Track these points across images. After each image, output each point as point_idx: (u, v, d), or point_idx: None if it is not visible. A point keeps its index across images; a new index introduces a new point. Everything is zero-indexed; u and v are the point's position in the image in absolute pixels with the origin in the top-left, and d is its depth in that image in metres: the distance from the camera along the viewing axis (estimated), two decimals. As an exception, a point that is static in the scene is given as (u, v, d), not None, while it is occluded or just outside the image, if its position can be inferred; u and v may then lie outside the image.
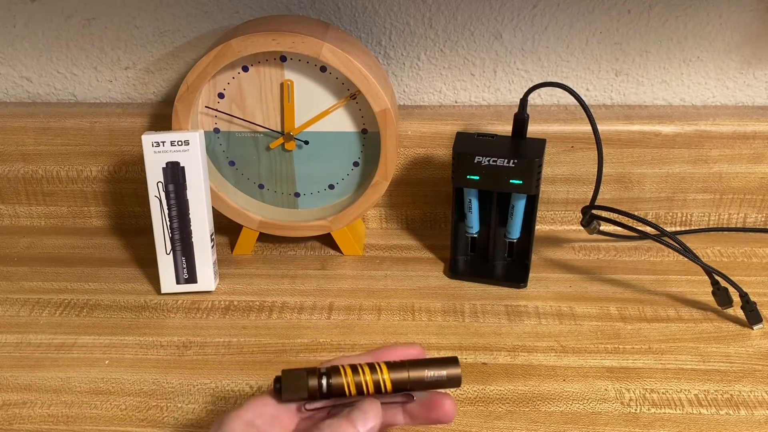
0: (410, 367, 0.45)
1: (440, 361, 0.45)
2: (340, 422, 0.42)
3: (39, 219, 0.81)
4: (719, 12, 0.73)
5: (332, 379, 0.44)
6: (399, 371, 0.44)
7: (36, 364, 0.60)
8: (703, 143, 0.74)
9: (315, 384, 0.44)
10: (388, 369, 0.44)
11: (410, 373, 0.44)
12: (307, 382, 0.44)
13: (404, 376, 0.44)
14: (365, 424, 0.42)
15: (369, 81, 0.65)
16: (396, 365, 0.45)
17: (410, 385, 0.45)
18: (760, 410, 0.55)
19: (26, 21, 0.75)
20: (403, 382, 0.44)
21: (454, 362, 0.45)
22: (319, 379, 0.44)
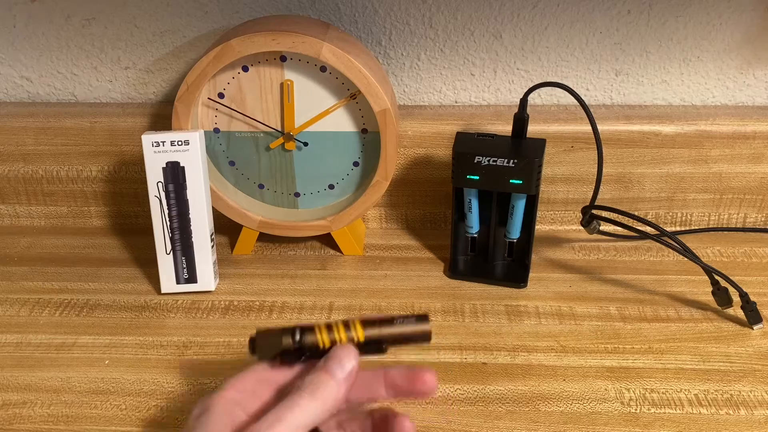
0: (382, 324, 0.45)
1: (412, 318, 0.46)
2: (317, 374, 0.42)
3: (39, 219, 0.81)
4: (719, 12, 0.73)
5: (306, 337, 0.44)
6: (371, 328, 0.45)
7: (36, 364, 0.60)
8: (703, 143, 0.74)
9: (289, 342, 0.44)
10: (363, 325, 0.45)
11: (382, 330, 0.45)
12: (280, 340, 0.44)
13: (376, 332, 0.45)
14: (343, 370, 0.43)
15: (369, 81, 0.65)
16: (369, 322, 0.45)
17: (383, 339, 0.45)
18: (759, 410, 0.55)
19: (26, 21, 0.75)
20: (376, 337, 0.45)
21: (425, 319, 0.46)
22: (293, 337, 0.44)
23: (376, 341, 0.45)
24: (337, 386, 0.42)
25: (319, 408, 0.41)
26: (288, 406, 0.41)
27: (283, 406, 0.41)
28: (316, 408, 0.41)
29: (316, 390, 0.41)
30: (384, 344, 0.46)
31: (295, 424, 0.40)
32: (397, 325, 0.46)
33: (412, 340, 0.46)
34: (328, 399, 0.42)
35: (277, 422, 0.40)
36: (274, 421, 0.40)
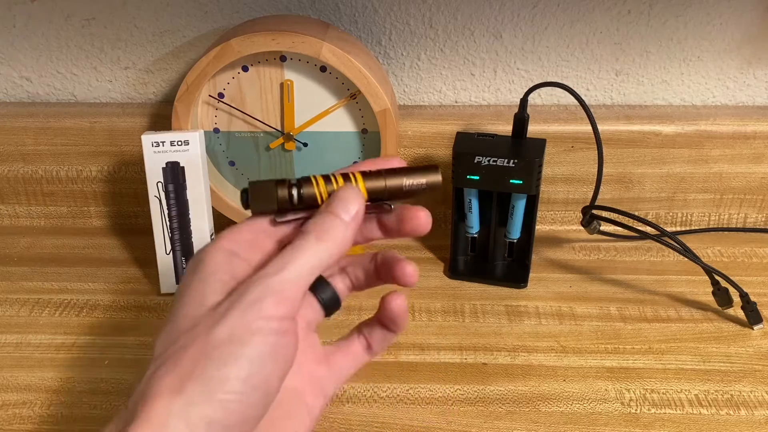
0: (387, 175, 0.42)
1: (419, 169, 0.42)
2: (323, 216, 0.40)
3: (39, 219, 0.81)
4: (719, 12, 0.73)
5: (303, 189, 0.41)
6: (375, 180, 0.42)
7: (36, 364, 0.60)
8: (704, 143, 0.74)
9: (285, 194, 0.41)
10: (363, 178, 0.42)
11: (387, 181, 0.42)
12: (276, 192, 0.41)
13: (381, 185, 0.42)
14: (348, 211, 0.40)
15: (369, 81, 0.65)
16: (372, 174, 0.42)
17: (388, 195, 0.42)
18: (760, 410, 0.55)
19: (26, 21, 0.75)
20: (380, 191, 0.42)
21: (434, 169, 0.42)
22: (290, 189, 0.41)
23: (380, 197, 0.42)
24: (344, 228, 0.40)
25: (328, 251, 0.39)
26: (295, 249, 0.38)
27: (291, 250, 0.38)
28: (324, 250, 0.39)
29: (323, 232, 0.39)
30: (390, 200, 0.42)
31: (305, 268, 0.38)
32: (403, 175, 0.42)
33: (420, 192, 0.42)
34: (336, 241, 0.39)
35: (286, 266, 0.38)
36: (282, 264, 0.38)
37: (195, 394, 0.34)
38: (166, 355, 0.36)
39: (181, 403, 0.34)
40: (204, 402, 0.34)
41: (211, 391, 0.34)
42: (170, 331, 0.37)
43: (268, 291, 0.37)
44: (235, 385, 0.35)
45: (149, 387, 0.35)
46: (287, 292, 0.37)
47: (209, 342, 0.35)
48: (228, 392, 0.34)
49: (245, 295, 0.37)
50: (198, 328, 0.36)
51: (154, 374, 0.35)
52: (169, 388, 0.34)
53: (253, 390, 0.35)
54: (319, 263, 0.39)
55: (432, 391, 0.57)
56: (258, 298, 0.36)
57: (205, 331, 0.36)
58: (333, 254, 0.39)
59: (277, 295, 0.37)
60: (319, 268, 0.39)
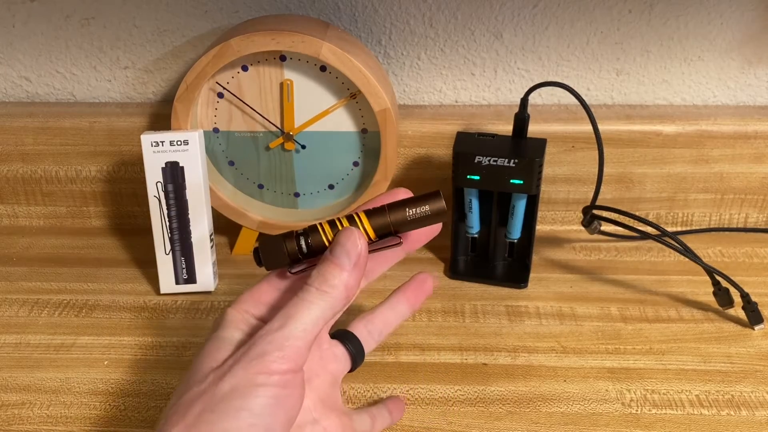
0: (390, 209, 0.42)
1: (422, 198, 0.43)
2: (324, 266, 0.40)
3: (38, 219, 0.81)
4: (720, 11, 0.73)
5: (310, 238, 0.42)
6: (379, 216, 0.42)
7: (35, 364, 0.60)
8: (705, 143, 0.74)
9: (294, 246, 0.42)
10: (367, 216, 0.42)
11: (390, 216, 0.42)
12: (284, 246, 0.42)
13: (385, 221, 0.42)
14: (349, 257, 0.40)
15: (369, 80, 0.65)
16: (376, 211, 0.42)
17: (394, 228, 0.42)
18: (761, 411, 0.55)
19: (25, 20, 0.75)
20: (385, 226, 0.42)
21: (436, 196, 0.43)
22: (297, 240, 0.42)
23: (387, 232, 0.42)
24: (347, 275, 0.40)
25: (331, 301, 0.39)
26: (298, 303, 0.39)
27: (294, 304, 0.39)
28: (327, 301, 0.39)
29: (324, 283, 0.39)
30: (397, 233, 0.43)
31: (308, 321, 0.39)
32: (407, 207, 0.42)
33: (426, 221, 0.43)
34: (338, 290, 0.40)
35: (289, 320, 0.38)
36: (286, 319, 0.38)
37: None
38: (176, 407, 0.38)
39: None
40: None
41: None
42: (185, 382, 0.39)
43: (271, 346, 0.38)
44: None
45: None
46: (291, 347, 0.38)
47: (214, 396, 0.37)
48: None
49: (250, 351, 0.38)
50: (204, 383, 0.38)
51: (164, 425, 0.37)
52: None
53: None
54: (323, 315, 0.39)
55: (432, 392, 0.57)
56: (261, 353, 0.38)
57: (212, 384, 0.37)
58: (337, 303, 0.40)
59: (280, 350, 0.38)
60: (324, 319, 0.39)
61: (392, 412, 0.52)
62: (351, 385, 0.57)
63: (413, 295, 0.51)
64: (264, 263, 0.42)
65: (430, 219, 0.43)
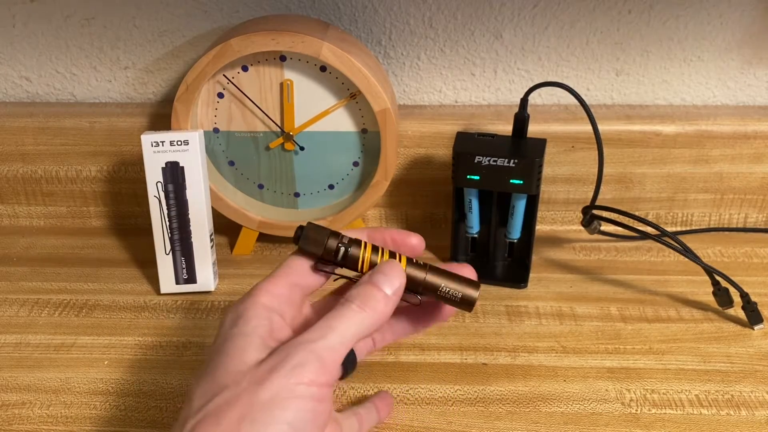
0: (429, 271, 0.43)
1: (460, 279, 0.44)
2: (365, 287, 0.41)
3: (38, 219, 0.81)
4: (720, 12, 0.73)
5: (351, 248, 0.43)
6: (417, 269, 0.43)
7: (35, 364, 0.60)
8: (704, 143, 0.74)
9: (333, 246, 0.43)
10: (407, 263, 0.43)
11: (428, 276, 0.43)
12: (326, 239, 0.43)
13: (421, 277, 0.43)
14: (391, 286, 0.42)
15: (369, 81, 0.65)
16: (416, 264, 0.43)
17: (422, 288, 0.43)
18: (761, 411, 0.55)
19: (25, 21, 0.75)
20: (417, 282, 0.43)
21: (475, 285, 0.43)
22: (339, 243, 0.43)
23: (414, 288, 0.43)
24: (385, 301, 0.41)
25: (369, 320, 0.40)
26: (338, 317, 0.40)
27: (333, 317, 0.40)
28: (366, 319, 0.40)
29: (365, 302, 0.41)
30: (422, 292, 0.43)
31: (347, 335, 0.39)
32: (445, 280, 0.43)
33: (451, 301, 0.44)
34: (376, 312, 0.41)
35: (330, 332, 0.39)
36: (326, 331, 0.39)
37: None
38: (208, 410, 0.37)
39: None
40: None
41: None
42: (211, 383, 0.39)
43: (311, 356, 0.38)
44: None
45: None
46: (329, 358, 0.39)
47: (253, 403, 0.37)
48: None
49: (289, 359, 0.38)
50: (241, 386, 0.37)
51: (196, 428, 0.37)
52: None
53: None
54: (360, 332, 0.40)
55: (432, 392, 0.57)
56: (301, 362, 0.38)
57: (249, 390, 0.37)
58: (373, 324, 0.41)
59: (319, 362, 0.38)
60: (359, 336, 0.40)
61: (380, 409, 0.52)
62: (351, 385, 0.57)
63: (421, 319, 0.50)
64: (301, 242, 0.43)
65: (455, 302, 0.44)
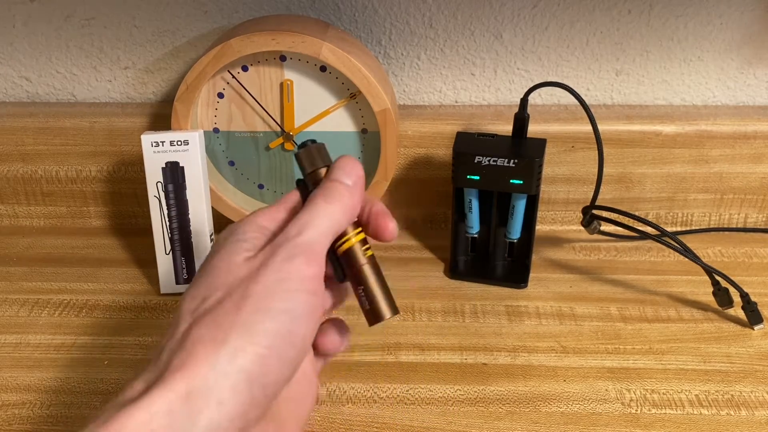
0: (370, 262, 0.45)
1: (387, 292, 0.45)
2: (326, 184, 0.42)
3: (38, 219, 0.81)
4: (720, 12, 0.73)
5: None
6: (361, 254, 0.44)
7: (35, 364, 0.60)
8: (704, 143, 0.74)
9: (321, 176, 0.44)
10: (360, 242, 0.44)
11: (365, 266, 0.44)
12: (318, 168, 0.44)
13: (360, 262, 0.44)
14: (350, 177, 0.42)
15: (369, 81, 0.65)
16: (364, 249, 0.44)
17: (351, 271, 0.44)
18: (761, 411, 0.55)
19: (25, 21, 0.75)
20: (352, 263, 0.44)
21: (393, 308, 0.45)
22: None
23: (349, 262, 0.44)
24: (349, 192, 0.42)
25: (338, 213, 0.41)
26: (308, 212, 0.40)
27: (304, 215, 0.40)
28: (334, 212, 0.41)
29: (329, 196, 0.41)
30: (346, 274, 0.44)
31: (322, 228, 0.40)
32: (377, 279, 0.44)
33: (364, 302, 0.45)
34: (343, 204, 0.41)
35: (306, 228, 0.40)
36: (301, 227, 0.40)
37: (238, 345, 0.35)
38: (203, 309, 0.37)
39: (224, 355, 0.35)
40: (246, 354, 0.35)
41: (254, 343, 0.35)
42: (203, 286, 0.39)
43: (296, 250, 0.38)
44: (274, 340, 0.36)
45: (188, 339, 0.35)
46: (312, 251, 0.39)
47: (247, 296, 0.37)
48: (267, 346, 0.36)
49: (275, 255, 0.38)
50: (232, 283, 0.38)
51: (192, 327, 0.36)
52: (212, 339, 0.35)
53: (289, 346, 0.37)
54: (332, 224, 0.41)
55: (432, 392, 0.57)
56: (288, 257, 0.38)
57: (242, 286, 0.37)
58: (343, 217, 0.41)
59: (305, 254, 0.39)
60: (333, 229, 0.41)
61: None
62: (351, 385, 0.57)
63: None
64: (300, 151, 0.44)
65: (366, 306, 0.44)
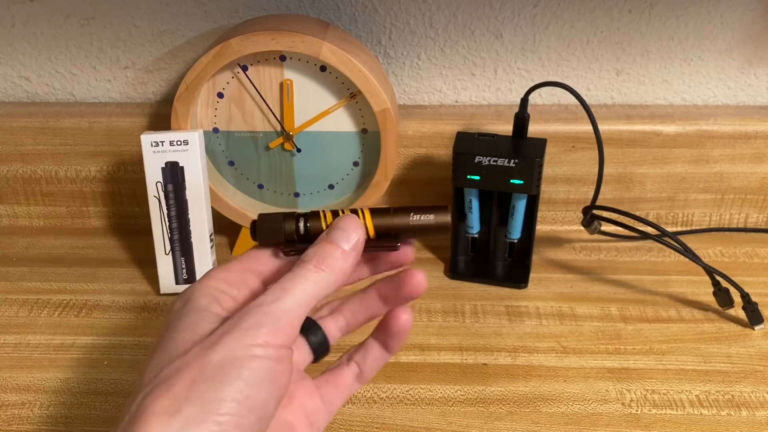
0: (395, 212, 0.42)
1: (427, 207, 0.42)
2: (321, 246, 0.39)
3: (38, 219, 0.81)
4: (720, 11, 0.73)
5: (310, 222, 0.41)
6: (382, 216, 0.41)
7: (35, 364, 0.60)
8: (705, 143, 0.74)
9: (292, 227, 0.41)
10: (371, 214, 0.41)
11: (395, 218, 0.41)
12: (283, 224, 0.41)
13: (388, 221, 0.41)
14: (348, 240, 0.39)
15: (369, 80, 0.65)
16: (380, 210, 0.42)
17: (394, 230, 0.42)
18: (761, 411, 0.54)
19: (25, 20, 0.75)
20: (387, 227, 0.41)
21: (443, 209, 0.42)
22: (297, 222, 0.41)
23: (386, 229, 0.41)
24: (343, 258, 0.39)
25: (326, 280, 0.38)
26: (294, 278, 0.38)
27: (289, 279, 0.38)
28: (323, 280, 0.38)
29: (321, 261, 0.39)
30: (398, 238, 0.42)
31: (303, 297, 0.37)
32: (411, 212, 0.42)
33: (428, 232, 0.42)
34: (334, 270, 0.39)
35: (285, 294, 0.37)
36: (281, 293, 0.37)
37: (192, 415, 0.33)
38: (158, 380, 0.35)
39: (178, 425, 0.33)
40: (201, 423, 0.33)
41: (209, 412, 0.33)
42: (161, 357, 0.36)
43: (265, 319, 0.36)
44: (232, 407, 0.34)
45: (141, 410, 0.34)
46: (284, 321, 0.37)
47: (205, 365, 0.35)
48: (225, 414, 0.34)
49: (241, 322, 0.36)
50: (191, 352, 0.35)
51: (146, 398, 0.34)
52: (165, 410, 0.33)
53: (249, 412, 0.35)
54: (317, 292, 0.38)
55: (432, 392, 0.57)
56: (255, 324, 0.36)
57: (201, 354, 0.35)
58: (331, 284, 0.39)
59: (274, 324, 0.36)
60: (317, 297, 0.38)
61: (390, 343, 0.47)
62: (351, 386, 0.57)
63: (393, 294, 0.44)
64: (258, 237, 0.42)
65: (432, 230, 0.42)
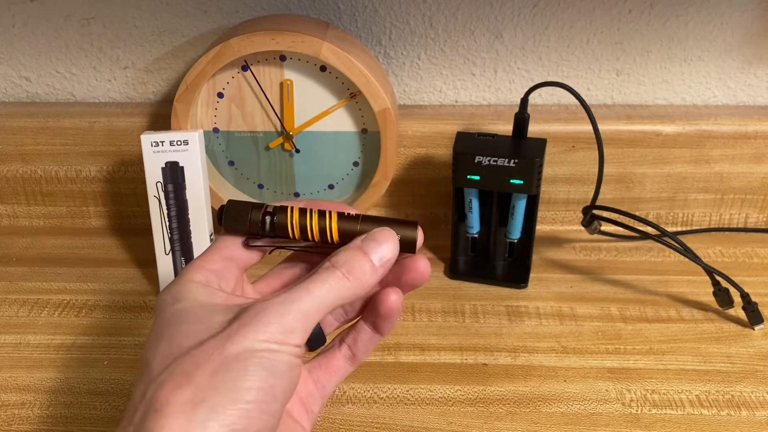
0: (363, 220, 0.41)
1: (396, 221, 0.41)
2: (353, 254, 0.39)
3: (38, 219, 0.81)
4: (720, 11, 0.73)
5: (276, 216, 0.41)
6: (349, 222, 0.41)
7: (35, 364, 0.60)
8: (705, 143, 0.74)
9: (257, 218, 0.41)
10: (339, 217, 0.41)
11: (361, 226, 0.41)
12: (249, 214, 0.41)
13: (354, 228, 0.41)
14: (381, 257, 0.39)
15: (369, 80, 0.65)
16: (348, 217, 0.41)
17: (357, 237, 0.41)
18: (761, 411, 0.54)
19: (25, 20, 0.75)
20: (352, 234, 0.41)
21: (413, 226, 0.41)
22: (264, 215, 0.41)
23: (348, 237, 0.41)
24: (371, 272, 0.39)
25: (350, 290, 0.38)
26: (319, 281, 0.38)
27: (314, 280, 0.38)
28: (347, 289, 0.38)
29: (350, 271, 0.38)
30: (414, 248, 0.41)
31: (325, 302, 0.38)
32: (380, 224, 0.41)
33: None
34: (360, 283, 0.39)
35: (307, 295, 0.37)
36: (304, 293, 0.37)
37: (218, 403, 0.34)
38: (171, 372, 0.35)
39: (204, 412, 0.33)
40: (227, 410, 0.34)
41: (236, 400, 0.34)
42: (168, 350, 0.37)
43: (288, 318, 0.37)
44: (258, 394, 0.35)
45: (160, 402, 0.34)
46: (301, 322, 0.37)
47: (225, 356, 0.35)
48: (250, 401, 0.34)
49: (259, 317, 0.36)
50: (208, 343, 0.36)
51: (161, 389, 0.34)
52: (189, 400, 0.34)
53: (273, 399, 0.35)
54: (339, 300, 0.38)
55: (432, 392, 0.57)
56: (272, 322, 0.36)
57: (219, 345, 0.35)
58: (353, 295, 0.39)
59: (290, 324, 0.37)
60: (336, 304, 0.38)
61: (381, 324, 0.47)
62: (351, 386, 0.57)
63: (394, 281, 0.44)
64: (224, 223, 0.42)
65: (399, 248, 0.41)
